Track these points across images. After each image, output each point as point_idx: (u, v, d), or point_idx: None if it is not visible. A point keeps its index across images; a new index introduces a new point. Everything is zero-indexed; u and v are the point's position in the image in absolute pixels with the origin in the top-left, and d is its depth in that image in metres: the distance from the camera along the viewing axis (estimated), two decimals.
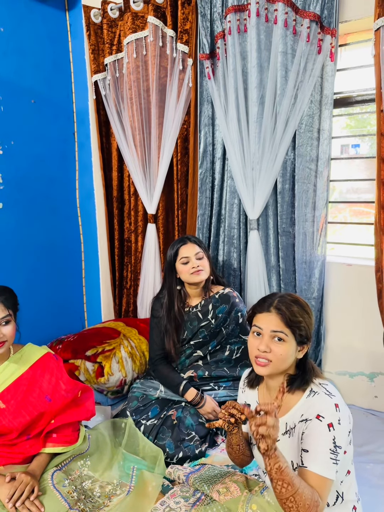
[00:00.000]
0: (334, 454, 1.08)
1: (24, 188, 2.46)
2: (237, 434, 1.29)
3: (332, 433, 1.09)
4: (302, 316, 1.18)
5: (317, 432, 1.10)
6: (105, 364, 2.19)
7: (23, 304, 1.60)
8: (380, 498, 1.58)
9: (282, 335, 1.17)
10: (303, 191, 2.14)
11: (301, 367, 1.23)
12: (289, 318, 1.17)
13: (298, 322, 1.17)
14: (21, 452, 1.50)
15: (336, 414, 1.11)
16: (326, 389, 1.18)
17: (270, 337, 1.18)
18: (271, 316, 1.19)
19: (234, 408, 1.18)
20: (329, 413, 1.11)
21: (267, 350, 1.17)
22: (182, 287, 2.03)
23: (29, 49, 2.43)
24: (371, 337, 2.13)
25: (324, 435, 1.09)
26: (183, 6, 2.27)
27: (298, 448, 1.16)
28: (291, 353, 1.18)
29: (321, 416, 1.11)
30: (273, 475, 1.04)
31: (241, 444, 1.32)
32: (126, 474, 1.61)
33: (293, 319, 1.17)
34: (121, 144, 2.63)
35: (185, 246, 1.96)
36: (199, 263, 1.94)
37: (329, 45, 1.99)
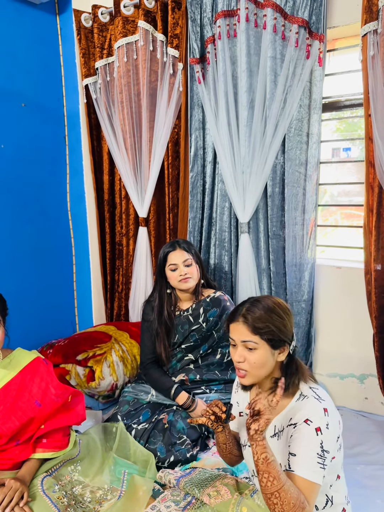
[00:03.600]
0: (322, 458, 1.08)
1: (15, 192, 2.45)
2: (222, 433, 1.29)
3: (320, 437, 1.09)
4: (270, 320, 1.16)
5: (305, 436, 1.10)
6: (96, 368, 2.18)
7: (13, 308, 1.60)
8: (370, 499, 1.60)
9: (252, 344, 1.16)
10: (293, 194, 2.16)
11: (287, 369, 1.21)
12: (253, 325, 1.16)
13: (264, 328, 1.16)
14: (11, 458, 1.48)
15: (324, 419, 1.11)
16: (316, 393, 1.17)
17: (242, 346, 1.18)
18: (239, 325, 1.19)
19: (216, 406, 1.22)
20: (318, 418, 1.11)
21: (240, 360, 1.18)
22: (172, 291, 2.03)
23: (20, 53, 2.42)
24: (361, 339, 2.15)
25: (312, 439, 1.09)
26: (173, 11, 2.28)
27: (286, 451, 1.17)
28: (267, 359, 1.17)
29: (309, 420, 1.11)
30: (259, 466, 1.04)
31: (227, 443, 1.33)
32: (117, 478, 1.61)
33: (257, 326, 1.16)
34: (112, 147, 2.63)
35: (173, 252, 1.95)
36: (187, 270, 1.93)
37: (318, 50, 2.01)
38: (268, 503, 1.05)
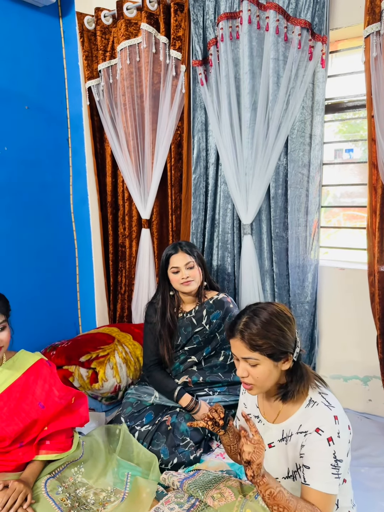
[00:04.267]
0: (336, 468, 1.08)
1: (18, 194, 2.46)
2: (225, 436, 1.29)
3: (332, 447, 1.09)
4: (268, 336, 1.13)
5: (317, 447, 1.10)
6: (99, 370, 2.18)
7: (16, 310, 1.60)
8: (374, 501, 1.59)
9: (253, 361, 1.15)
10: (296, 196, 2.16)
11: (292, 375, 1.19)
12: (251, 343, 1.13)
13: (263, 345, 1.13)
14: (14, 460, 1.49)
15: (335, 427, 1.10)
16: (325, 399, 1.16)
17: (244, 361, 1.17)
18: (237, 342, 1.16)
19: (215, 412, 1.21)
20: (328, 427, 1.10)
21: (244, 375, 1.17)
22: (175, 293, 2.03)
23: (23, 56, 2.43)
24: (365, 341, 2.14)
25: (325, 451, 1.09)
26: (175, 13, 2.29)
27: (294, 456, 1.17)
28: (269, 371, 1.16)
29: (320, 430, 1.10)
30: (267, 501, 1.04)
31: (232, 445, 1.32)
32: (121, 480, 1.60)
33: (256, 344, 1.13)
34: (115, 149, 2.64)
35: (175, 255, 1.94)
36: (189, 273, 1.92)
37: (320, 51, 2.01)
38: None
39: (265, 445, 1.24)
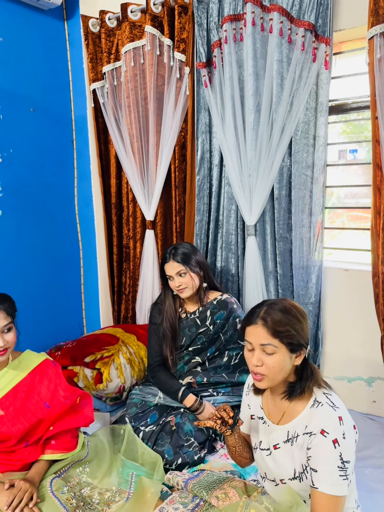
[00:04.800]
0: (343, 470, 1.08)
1: (23, 196, 2.48)
2: (231, 436, 1.30)
3: (338, 449, 1.09)
4: (290, 324, 1.15)
5: (323, 450, 1.10)
6: (104, 370, 2.19)
7: (22, 311, 1.61)
8: (378, 502, 1.59)
9: (271, 348, 1.14)
10: (300, 197, 2.16)
11: (301, 373, 1.20)
12: (274, 329, 1.14)
13: (284, 332, 1.14)
14: (20, 459, 1.50)
15: (340, 429, 1.10)
16: (330, 400, 1.16)
17: (261, 350, 1.16)
18: (257, 328, 1.16)
19: (224, 411, 1.22)
20: (333, 428, 1.10)
21: (258, 364, 1.16)
22: (177, 294, 2.03)
23: (28, 59, 2.45)
24: (369, 342, 2.14)
25: (331, 453, 1.09)
26: (180, 16, 2.30)
27: (300, 457, 1.17)
28: (285, 362, 1.16)
29: (325, 432, 1.10)
30: None
31: (237, 446, 1.33)
32: (125, 480, 1.61)
33: (278, 329, 1.14)
34: (120, 151, 2.65)
35: (167, 264, 1.95)
36: (180, 281, 1.92)
37: (324, 53, 2.01)
38: None
39: (270, 446, 1.25)
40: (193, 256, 1.96)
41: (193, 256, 1.96)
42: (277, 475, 1.24)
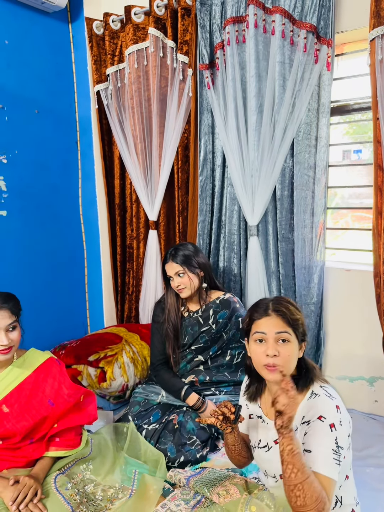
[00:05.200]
0: (337, 454, 1.09)
1: (28, 196, 2.51)
2: (232, 434, 1.31)
3: (334, 433, 1.10)
4: (299, 314, 1.24)
5: (320, 432, 1.11)
6: (107, 369, 2.21)
7: (27, 310, 1.63)
8: (379, 501, 1.60)
9: (286, 335, 1.18)
10: (302, 197, 2.17)
11: (303, 366, 1.24)
12: (289, 317, 1.20)
13: (297, 320, 1.21)
14: (25, 456, 1.52)
15: (337, 415, 1.13)
16: (327, 391, 1.19)
17: (275, 340, 1.19)
18: (271, 319, 1.20)
19: (226, 407, 1.24)
20: (331, 414, 1.13)
21: (276, 354, 1.17)
22: None
23: (33, 61, 2.48)
24: (371, 342, 2.15)
25: (327, 435, 1.10)
26: (183, 18, 2.32)
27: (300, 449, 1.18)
28: (296, 353, 1.21)
29: (323, 417, 1.12)
30: (284, 457, 1.04)
31: (236, 444, 1.34)
32: (128, 478, 1.63)
33: (293, 317, 1.21)
34: (123, 152, 2.68)
35: (167, 264, 1.99)
36: (179, 281, 1.95)
37: (326, 55, 2.03)
38: (289, 496, 1.04)
39: (269, 442, 1.26)
40: (194, 257, 1.98)
41: (194, 257, 1.98)
42: (277, 471, 1.25)
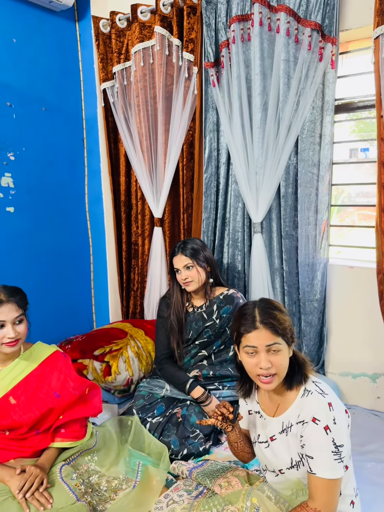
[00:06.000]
0: (337, 454, 1.13)
1: (35, 193, 2.54)
2: (233, 432, 1.34)
3: (330, 435, 1.13)
4: (285, 319, 1.21)
5: (316, 437, 1.14)
6: (113, 363, 2.25)
7: (33, 305, 1.66)
8: (380, 495, 1.61)
9: (277, 346, 1.18)
10: (306, 195, 2.19)
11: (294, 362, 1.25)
12: (276, 328, 1.18)
13: (285, 328, 1.20)
14: (31, 446, 1.56)
15: (330, 414, 1.15)
16: (319, 387, 1.21)
17: (266, 351, 1.19)
18: (261, 332, 1.18)
19: (224, 407, 1.27)
20: (324, 415, 1.15)
21: (269, 365, 1.18)
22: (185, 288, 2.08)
23: (40, 59, 2.51)
24: (374, 339, 2.16)
25: (323, 439, 1.13)
26: (188, 16, 2.33)
27: (295, 446, 1.21)
28: (288, 356, 1.22)
29: (316, 419, 1.15)
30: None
31: (239, 442, 1.37)
32: (132, 469, 1.66)
33: (281, 327, 1.19)
34: (129, 150, 2.70)
35: (175, 257, 2.01)
36: (187, 274, 1.97)
37: (330, 53, 2.04)
38: None
39: (267, 438, 1.29)
40: (202, 252, 2.01)
41: (202, 252, 2.01)
42: (276, 466, 1.28)
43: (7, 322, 1.48)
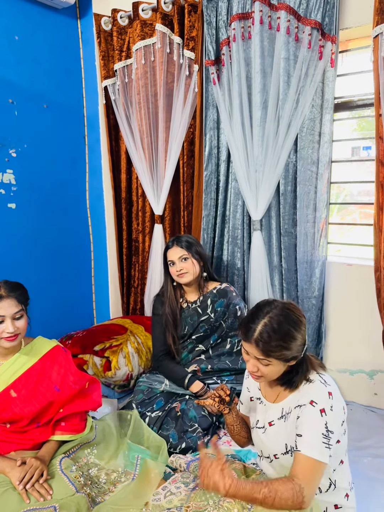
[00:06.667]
0: (327, 438, 1.14)
1: (36, 190, 2.56)
2: (230, 415, 1.39)
3: (324, 418, 1.15)
4: (283, 345, 1.16)
5: (310, 417, 1.16)
6: (113, 358, 2.27)
7: (35, 301, 1.68)
8: (375, 490, 1.64)
9: (265, 362, 1.19)
10: (305, 192, 2.20)
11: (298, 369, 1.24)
12: (267, 352, 1.17)
13: (277, 352, 1.17)
14: (31, 439, 1.58)
15: (329, 401, 1.17)
16: (322, 378, 1.23)
17: (256, 359, 1.21)
18: (252, 347, 1.19)
19: (222, 390, 1.34)
20: (322, 400, 1.17)
21: (254, 370, 1.22)
22: (178, 284, 2.10)
23: (42, 56, 2.53)
24: (371, 336, 2.18)
25: (317, 419, 1.15)
26: (189, 14, 2.34)
27: (292, 431, 1.23)
28: (279, 369, 1.22)
29: (314, 402, 1.17)
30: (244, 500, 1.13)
31: (235, 425, 1.41)
32: (131, 463, 1.68)
33: (272, 353, 1.17)
34: (130, 147, 2.72)
35: (171, 249, 2.05)
36: (182, 265, 2.01)
37: (330, 51, 2.05)
38: None
39: (265, 424, 1.31)
40: (195, 246, 2.07)
41: (195, 246, 2.07)
42: (271, 451, 1.31)
43: (6, 317, 1.50)
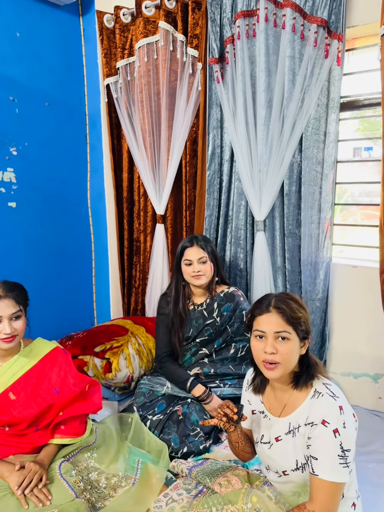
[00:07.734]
0: (343, 458, 1.11)
1: (37, 188, 2.53)
2: (234, 432, 1.33)
3: (338, 438, 1.11)
4: (301, 311, 1.21)
5: (324, 439, 1.13)
6: (113, 360, 2.24)
7: (35, 301, 1.66)
8: (380, 496, 1.60)
9: (286, 334, 1.18)
10: (309, 193, 2.17)
11: (305, 362, 1.24)
12: (290, 315, 1.19)
13: (298, 318, 1.19)
14: (30, 442, 1.55)
15: (340, 418, 1.13)
16: (330, 390, 1.19)
17: (274, 338, 1.19)
18: (272, 316, 1.19)
19: (228, 408, 1.25)
20: (334, 418, 1.13)
21: (274, 351, 1.18)
22: (187, 284, 2.07)
23: (44, 53, 2.50)
24: (376, 338, 2.15)
25: (331, 442, 1.12)
26: (193, 12, 2.31)
27: (302, 447, 1.20)
28: (296, 350, 1.20)
29: (326, 422, 1.13)
30: None
31: (240, 442, 1.36)
32: (131, 467, 1.65)
33: (293, 316, 1.19)
34: (132, 146, 2.69)
35: (190, 248, 1.99)
36: (200, 268, 1.97)
37: (336, 49, 2.01)
38: None
39: (271, 439, 1.27)
40: (213, 249, 2.04)
41: (213, 249, 2.04)
42: (280, 467, 1.27)
43: (3, 318, 1.47)
